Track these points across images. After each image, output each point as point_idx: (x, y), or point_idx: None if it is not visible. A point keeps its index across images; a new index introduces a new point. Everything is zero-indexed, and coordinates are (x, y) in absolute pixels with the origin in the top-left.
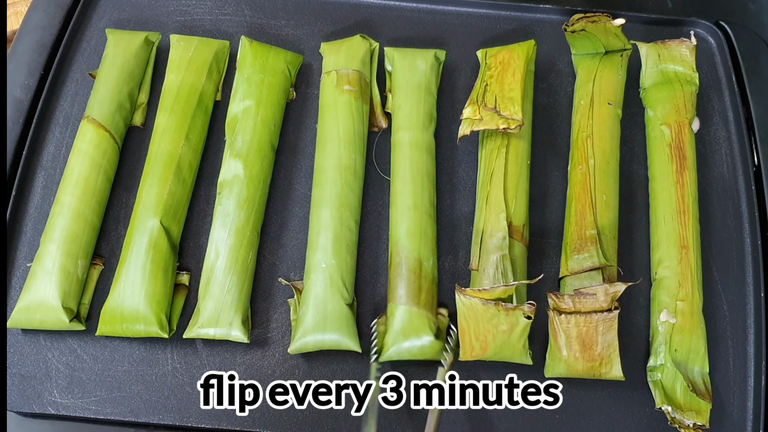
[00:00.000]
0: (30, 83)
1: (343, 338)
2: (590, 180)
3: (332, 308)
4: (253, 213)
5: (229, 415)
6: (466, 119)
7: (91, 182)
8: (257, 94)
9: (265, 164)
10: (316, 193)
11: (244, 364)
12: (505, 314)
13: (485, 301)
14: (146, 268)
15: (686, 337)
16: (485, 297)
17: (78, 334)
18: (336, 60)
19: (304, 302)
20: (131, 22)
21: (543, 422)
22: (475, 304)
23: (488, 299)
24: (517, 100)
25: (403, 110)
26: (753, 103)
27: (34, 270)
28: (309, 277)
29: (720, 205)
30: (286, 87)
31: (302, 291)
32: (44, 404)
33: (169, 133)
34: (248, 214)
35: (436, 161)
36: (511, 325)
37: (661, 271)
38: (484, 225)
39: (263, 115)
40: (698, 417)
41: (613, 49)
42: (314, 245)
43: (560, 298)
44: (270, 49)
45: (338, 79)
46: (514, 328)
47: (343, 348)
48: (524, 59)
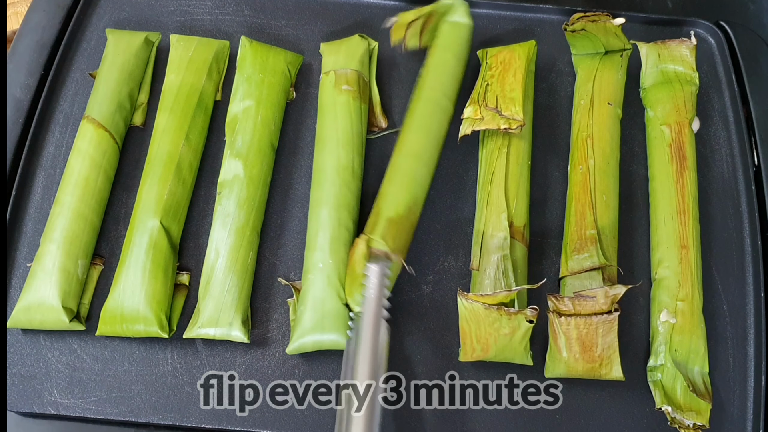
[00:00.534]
0: (30, 83)
1: (342, 338)
2: (590, 180)
3: (330, 308)
4: (253, 213)
5: (229, 415)
6: (467, 119)
7: (91, 182)
8: (257, 94)
9: (265, 164)
10: (315, 193)
11: (244, 364)
12: (508, 318)
13: (487, 306)
14: (146, 268)
15: (686, 337)
16: (487, 302)
17: (78, 334)
18: (335, 60)
19: (302, 302)
20: (131, 22)
21: (543, 422)
22: (477, 308)
23: (490, 304)
24: (518, 100)
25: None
26: (753, 103)
27: (34, 270)
28: (307, 277)
29: (720, 205)
30: (286, 87)
31: (300, 291)
32: (44, 404)
33: (169, 133)
34: (248, 214)
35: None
36: (512, 329)
37: (661, 271)
38: (485, 225)
39: (263, 114)
40: (698, 417)
41: (613, 49)
42: (312, 245)
43: (560, 300)
44: (270, 49)
45: (336, 79)
46: (515, 331)
47: (342, 348)
48: (525, 59)
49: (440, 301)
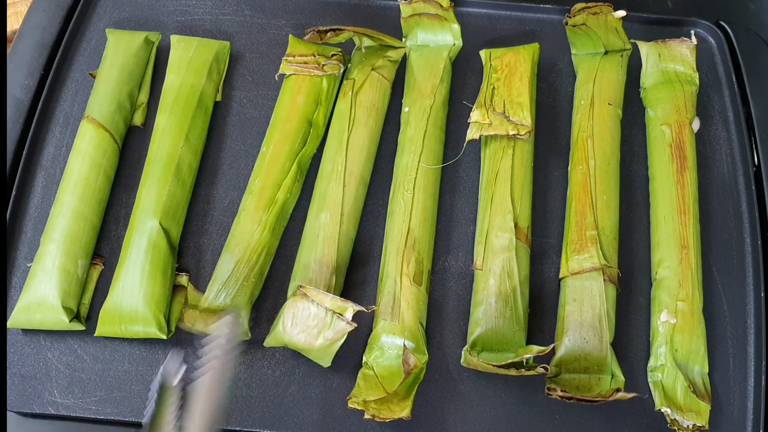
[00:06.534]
0: (30, 83)
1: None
2: (590, 180)
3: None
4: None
5: (229, 415)
6: (475, 123)
7: (91, 182)
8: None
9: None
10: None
11: (244, 364)
12: (518, 372)
13: (497, 366)
14: (145, 269)
15: (686, 338)
16: (497, 364)
17: (78, 334)
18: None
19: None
20: (131, 22)
21: (543, 422)
22: (487, 366)
23: (499, 365)
24: (525, 105)
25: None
26: (753, 103)
27: (34, 270)
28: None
29: (720, 205)
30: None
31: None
32: (44, 404)
33: (168, 134)
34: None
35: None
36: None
37: (661, 271)
38: (489, 225)
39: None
40: (698, 418)
41: (614, 48)
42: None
43: (554, 391)
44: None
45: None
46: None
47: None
48: (530, 63)
49: (440, 300)
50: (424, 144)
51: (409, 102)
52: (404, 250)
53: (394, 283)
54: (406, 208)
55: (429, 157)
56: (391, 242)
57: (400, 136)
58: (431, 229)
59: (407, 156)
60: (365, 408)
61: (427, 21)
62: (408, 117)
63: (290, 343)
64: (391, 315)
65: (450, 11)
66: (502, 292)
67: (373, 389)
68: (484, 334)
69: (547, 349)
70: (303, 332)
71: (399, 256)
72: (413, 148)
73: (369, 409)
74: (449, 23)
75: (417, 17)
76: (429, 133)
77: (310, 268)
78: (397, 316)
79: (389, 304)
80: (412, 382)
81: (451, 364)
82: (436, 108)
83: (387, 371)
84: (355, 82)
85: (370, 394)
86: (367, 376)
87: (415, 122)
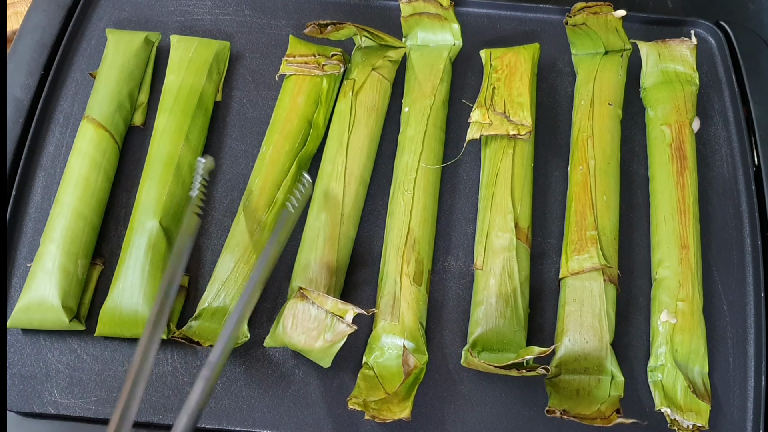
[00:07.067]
0: (30, 83)
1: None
2: (590, 180)
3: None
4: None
5: (229, 415)
6: (475, 122)
7: (91, 182)
8: None
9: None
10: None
11: (244, 364)
12: (519, 373)
13: (498, 367)
14: (145, 269)
15: (687, 338)
16: (497, 364)
17: (78, 334)
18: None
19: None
20: (131, 22)
21: (543, 422)
22: (487, 367)
23: (500, 366)
24: (526, 105)
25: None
26: (753, 103)
27: (34, 270)
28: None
29: (720, 205)
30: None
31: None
32: (44, 404)
33: (168, 134)
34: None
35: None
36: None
37: (661, 271)
38: (489, 225)
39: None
40: (697, 418)
41: (614, 48)
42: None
43: (553, 413)
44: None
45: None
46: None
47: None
48: (531, 63)
49: (440, 301)
50: (424, 144)
51: (409, 102)
52: (404, 250)
53: (394, 283)
54: (406, 208)
55: (429, 157)
56: (391, 242)
57: (400, 136)
58: (431, 229)
59: (407, 156)
60: (365, 409)
61: (427, 20)
62: (408, 117)
63: (290, 344)
64: (391, 315)
65: (450, 11)
66: (502, 292)
67: (373, 389)
68: (485, 334)
69: (548, 351)
70: (303, 334)
71: (399, 256)
72: (413, 148)
73: (369, 410)
74: (449, 23)
75: (417, 16)
76: (429, 133)
77: (310, 268)
78: (397, 316)
79: (389, 304)
80: (413, 382)
81: (452, 365)
82: (436, 108)
83: (387, 371)
84: (356, 82)
85: (370, 394)
86: (367, 376)
87: (415, 122)
